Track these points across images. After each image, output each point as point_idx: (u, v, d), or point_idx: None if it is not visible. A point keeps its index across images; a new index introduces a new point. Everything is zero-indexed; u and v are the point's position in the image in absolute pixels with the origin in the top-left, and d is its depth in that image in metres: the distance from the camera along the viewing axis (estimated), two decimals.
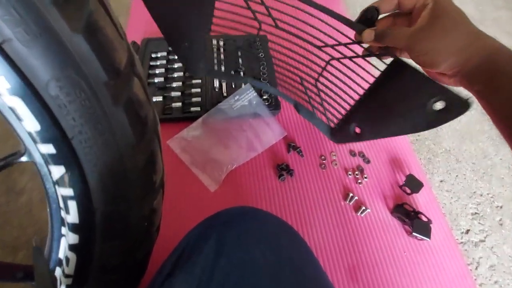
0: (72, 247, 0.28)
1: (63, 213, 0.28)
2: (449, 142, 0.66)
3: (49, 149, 0.23)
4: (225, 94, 0.61)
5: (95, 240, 0.29)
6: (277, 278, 0.27)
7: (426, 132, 0.70)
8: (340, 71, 0.45)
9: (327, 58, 0.45)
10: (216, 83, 0.62)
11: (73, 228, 0.27)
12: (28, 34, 0.18)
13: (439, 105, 0.30)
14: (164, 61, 0.64)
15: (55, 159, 0.24)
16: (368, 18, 0.36)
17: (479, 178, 0.62)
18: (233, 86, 0.62)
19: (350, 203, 0.54)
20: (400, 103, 0.34)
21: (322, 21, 0.39)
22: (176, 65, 0.64)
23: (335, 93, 0.48)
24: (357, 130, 0.42)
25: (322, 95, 0.51)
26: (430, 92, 0.29)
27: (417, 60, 0.32)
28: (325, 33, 0.42)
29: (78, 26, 0.20)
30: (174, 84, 0.61)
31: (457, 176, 0.63)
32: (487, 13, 0.96)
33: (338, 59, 0.44)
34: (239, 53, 0.67)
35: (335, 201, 0.54)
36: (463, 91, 0.29)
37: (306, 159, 0.58)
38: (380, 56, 0.38)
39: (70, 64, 0.20)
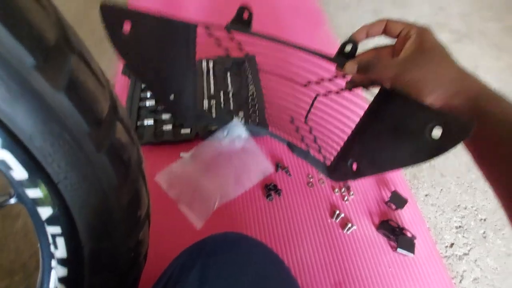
0: (61, 280, 0.30)
1: (52, 248, 0.29)
2: None
3: (36, 193, 0.25)
4: (214, 116, 0.63)
5: (83, 272, 0.30)
6: None
7: None
8: (329, 106, 0.45)
9: (314, 94, 0.45)
10: (206, 105, 0.64)
11: (62, 262, 0.29)
12: (10, 95, 0.20)
13: (437, 132, 0.28)
14: None
15: (43, 202, 0.25)
16: (347, 51, 0.36)
17: (463, 191, 0.64)
18: (222, 106, 0.64)
19: (337, 221, 0.56)
20: (394, 133, 0.32)
21: (303, 58, 0.40)
22: None
23: (328, 129, 0.47)
24: (355, 166, 0.40)
25: (315, 132, 0.50)
26: (425, 118, 0.28)
27: (404, 91, 0.31)
28: (307, 70, 0.42)
29: (60, 85, 0.22)
30: None
31: (441, 190, 0.64)
32: (473, 25, 0.99)
33: (324, 95, 0.44)
34: (228, 75, 0.69)
35: (322, 219, 0.56)
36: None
37: (294, 178, 0.60)
38: (365, 87, 0.37)
39: (53, 119, 0.22)
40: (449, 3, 1.05)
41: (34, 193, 0.25)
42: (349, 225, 0.55)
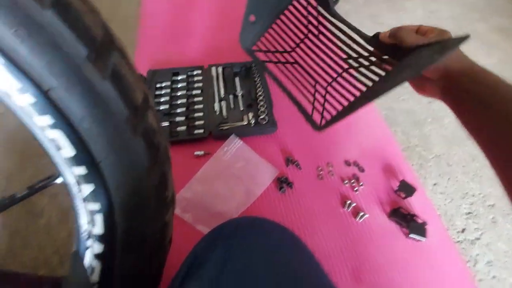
0: (98, 256, 0.33)
1: (89, 227, 0.32)
2: (439, 148, 0.70)
3: (81, 170, 0.28)
4: (225, 117, 0.66)
5: (116, 250, 0.33)
6: (278, 285, 0.30)
7: (416, 139, 0.74)
8: (349, 84, 0.50)
9: (339, 70, 0.53)
10: (217, 107, 0.68)
11: (99, 238, 0.32)
12: (69, 82, 0.24)
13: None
14: (168, 90, 0.71)
15: (86, 179, 0.29)
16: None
17: (470, 179, 0.65)
18: (232, 107, 0.68)
19: (348, 210, 0.58)
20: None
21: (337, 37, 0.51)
22: (179, 93, 0.70)
23: (337, 98, 0.52)
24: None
25: (328, 97, 0.55)
26: (434, 50, 0.34)
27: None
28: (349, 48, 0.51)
29: (106, 74, 0.25)
30: (179, 110, 0.67)
31: (449, 179, 0.66)
32: (463, 26, 1.03)
33: (356, 68, 0.50)
34: (237, 79, 0.73)
35: (333, 208, 0.58)
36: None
37: (304, 171, 0.62)
38: (388, 61, 0.44)
39: (100, 104, 0.26)
40: (440, 7, 1.10)
41: (78, 170, 0.28)
42: (361, 213, 0.56)
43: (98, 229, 0.31)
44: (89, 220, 0.32)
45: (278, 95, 0.73)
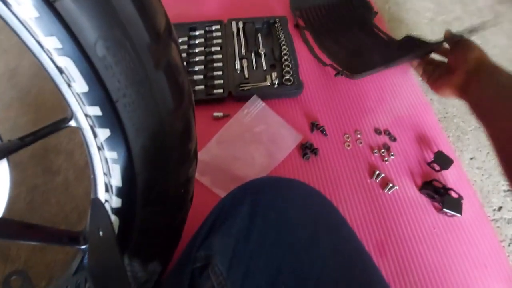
0: (115, 211, 0.30)
1: (106, 178, 0.29)
2: None
3: (95, 111, 0.24)
4: (246, 76, 0.61)
5: (136, 205, 0.30)
6: (314, 236, 0.27)
7: (454, 109, 0.68)
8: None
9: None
10: (237, 65, 0.62)
11: (117, 191, 0.29)
12: None
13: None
14: (185, 46, 0.65)
15: (101, 122, 0.25)
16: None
17: None
18: (254, 67, 0.62)
19: (377, 180, 0.54)
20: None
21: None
22: (197, 49, 0.65)
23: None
24: None
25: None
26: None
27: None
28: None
29: None
30: (196, 68, 0.62)
31: (488, 153, 0.61)
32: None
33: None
34: (259, 35, 0.67)
35: (361, 178, 0.54)
36: None
37: (330, 138, 0.57)
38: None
39: (116, 24, 0.21)
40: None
41: (93, 111, 0.24)
42: (390, 185, 0.52)
43: (116, 181, 0.28)
44: (106, 171, 0.28)
45: (305, 55, 0.67)
